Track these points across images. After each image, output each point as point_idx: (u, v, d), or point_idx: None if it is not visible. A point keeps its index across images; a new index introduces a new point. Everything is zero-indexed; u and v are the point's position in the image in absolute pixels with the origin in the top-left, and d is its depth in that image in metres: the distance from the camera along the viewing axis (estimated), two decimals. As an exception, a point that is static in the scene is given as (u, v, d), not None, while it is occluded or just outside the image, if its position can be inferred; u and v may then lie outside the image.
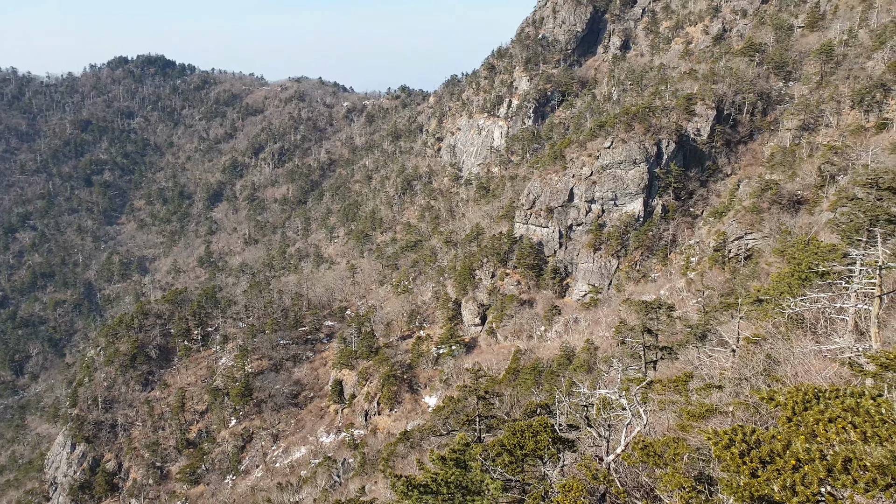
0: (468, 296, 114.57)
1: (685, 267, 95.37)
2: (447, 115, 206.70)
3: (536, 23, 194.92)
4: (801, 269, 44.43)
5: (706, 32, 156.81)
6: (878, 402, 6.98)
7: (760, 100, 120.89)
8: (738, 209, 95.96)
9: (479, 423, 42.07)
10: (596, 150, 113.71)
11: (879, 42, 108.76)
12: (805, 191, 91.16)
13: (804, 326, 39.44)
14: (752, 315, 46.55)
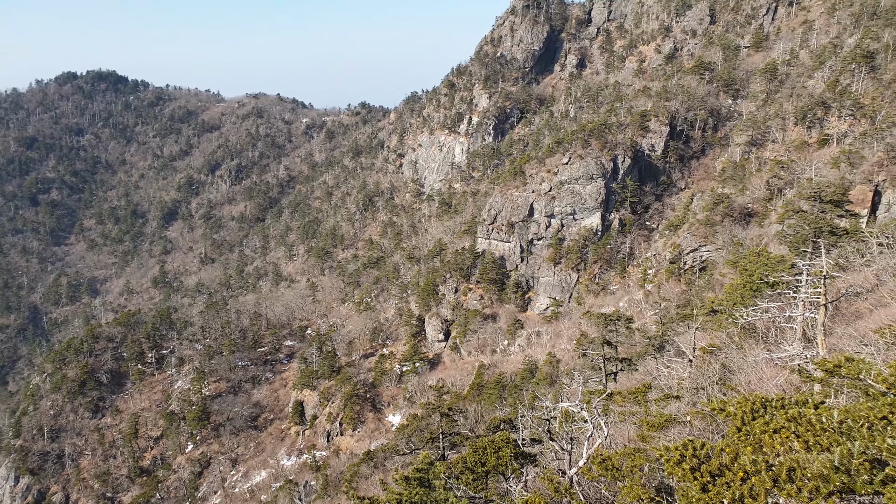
0: (431, 312, 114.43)
1: (643, 279, 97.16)
2: (408, 131, 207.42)
3: (495, 41, 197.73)
4: (753, 281, 45.80)
5: (659, 51, 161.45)
6: (819, 412, 7.26)
7: (711, 116, 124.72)
8: (692, 222, 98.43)
9: (442, 441, 41.93)
10: (554, 166, 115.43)
11: (819, 62, 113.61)
12: (755, 204, 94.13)
13: (756, 336, 40.48)
14: (708, 325, 47.66)
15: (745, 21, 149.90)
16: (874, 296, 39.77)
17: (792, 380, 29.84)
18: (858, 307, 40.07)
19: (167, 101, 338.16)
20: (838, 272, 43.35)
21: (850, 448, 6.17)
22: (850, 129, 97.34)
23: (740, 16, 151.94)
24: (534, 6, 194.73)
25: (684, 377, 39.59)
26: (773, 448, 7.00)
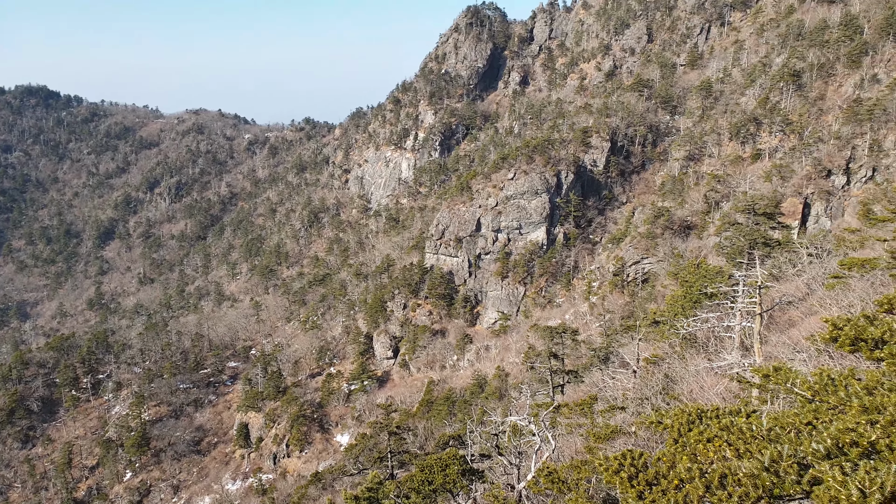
0: (380, 329, 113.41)
1: (587, 292, 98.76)
2: (354, 147, 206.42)
3: (439, 58, 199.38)
4: (692, 292, 47.04)
5: (599, 69, 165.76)
6: (750, 420, 7.32)
7: (650, 132, 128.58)
8: (634, 235, 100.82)
9: (391, 460, 41.28)
10: (500, 182, 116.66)
11: (750, 80, 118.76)
12: (693, 216, 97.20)
13: (697, 345, 41.36)
14: (651, 336, 48.56)
15: (680, 40, 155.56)
16: (805, 304, 41.29)
17: (731, 387, 30.55)
18: (791, 315, 41.53)
19: (103, 117, 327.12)
20: (772, 282, 44.95)
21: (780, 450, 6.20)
22: (781, 144, 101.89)
23: (676, 35, 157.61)
24: (477, 24, 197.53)
25: (629, 388, 40.11)
26: (706, 456, 7.00)
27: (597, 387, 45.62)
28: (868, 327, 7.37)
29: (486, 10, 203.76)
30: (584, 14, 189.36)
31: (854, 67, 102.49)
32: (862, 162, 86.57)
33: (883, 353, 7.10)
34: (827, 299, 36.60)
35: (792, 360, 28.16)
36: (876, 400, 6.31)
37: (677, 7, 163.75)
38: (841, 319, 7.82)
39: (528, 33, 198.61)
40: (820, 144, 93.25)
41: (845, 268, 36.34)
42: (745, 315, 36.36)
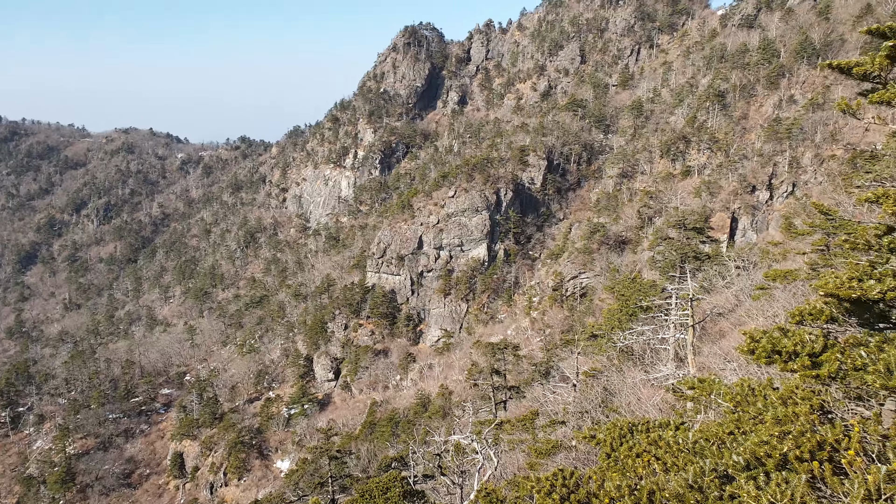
0: (320, 350, 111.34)
1: (528, 307, 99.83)
2: (291, 165, 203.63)
3: (378, 77, 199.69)
4: (628, 305, 48.12)
5: (534, 89, 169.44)
6: (677, 434, 7.38)
7: (585, 150, 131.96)
8: (571, 251, 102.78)
9: (332, 485, 40.33)
10: (441, 200, 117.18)
11: (679, 100, 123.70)
12: (628, 232, 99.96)
13: (634, 358, 42.12)
14: (589, 350, 49.32)
15: (612, 61, 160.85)
16: (735, 315, 42.76)
17: (668, 398, 31.18)
18: (722, 326, 42.92)
19: (24, 136, 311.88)
20: (703, 295, 46.45)
21: (703, 466, 6.24)
22: (709, 161, 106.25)
23: (608, 56, 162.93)
24: (415, 44, 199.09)
25: (569, 402, 40.45)
26: (636, 472, 7.00)
27: (538, 402, 45.91)
28: (782, 339, 7.57)
29: (424, 31, 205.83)
30: (519, 35, 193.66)
31: (773, 88, 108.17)
32: (783, 178, 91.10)
33: (796, 364, 7.29)
34: (754, 310, 38.05)
35: (723, 369, 29.02)
36: (789, 410, 6.44)
37: (608, 29, 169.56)
38: (757, 332, 8.03)
39: (466, 54, 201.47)
40: (745, 161, 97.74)
41: (770, 279, 37.88)
42: (679, 327, 37.31)
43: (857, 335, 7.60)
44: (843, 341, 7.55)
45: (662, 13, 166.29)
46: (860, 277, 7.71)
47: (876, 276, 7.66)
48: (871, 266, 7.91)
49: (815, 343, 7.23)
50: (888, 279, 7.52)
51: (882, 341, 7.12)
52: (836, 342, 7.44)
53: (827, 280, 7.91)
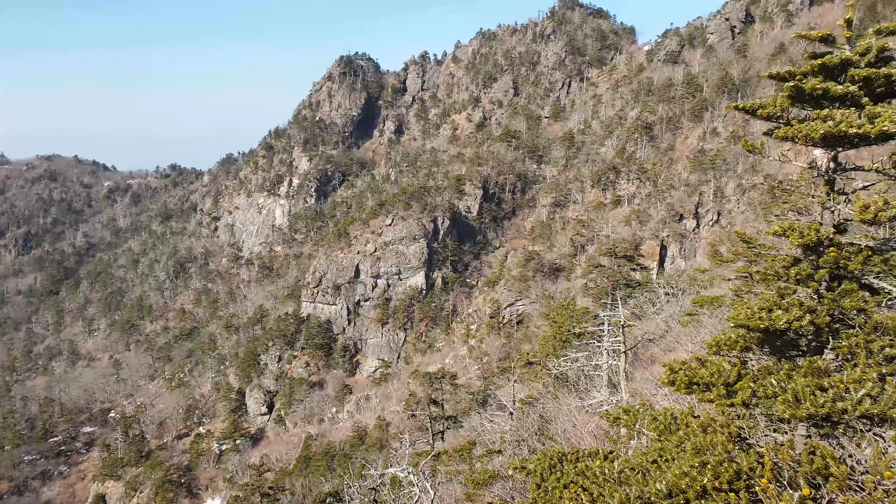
0: (253, 383, 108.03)
1: (466, 335, 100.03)
2: (224, 193, 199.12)
3: (313, 105, 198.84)
4: (562, 332, 48.86)
5: (470, 120, 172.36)
6: (604, 463, 7.44)
7: (519, 180, 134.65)
8: (507, 278, 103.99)
9: (263, 524, 38.90)
10: (378, 228, 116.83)
11: (608, 132, 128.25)
12: (562, 259, 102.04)
13: (569, 384, 42.57)
14: (525, 377, 49.62)
15: (544, 94, 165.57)
16: (665, 341, 43.97)
17: (602, 425, 31.55)
18: (653, 352, 44.01)
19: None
20: (635, 321, 47.58)
21: (628, 494, 6.28)
22: (638, 191, 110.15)
23: (540, 89, 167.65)
24: (350, 74, 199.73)
25: (506, 430, 40.44)
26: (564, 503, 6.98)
27: (476, 431, 45.66)
28: (699, 370, 7.80)
29: (360, 61, 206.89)
30: (454, 67, 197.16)
31: (697, 121, 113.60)
32: (708, 207, 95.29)
33: (712, 394, 7.52)
34: (682, 336, 39.21)
35: (654, 395, 29.67)
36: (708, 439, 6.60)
37: (540, 63, 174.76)
38: (676, 363, 8.24)
39: (402, 84, 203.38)
40: (672, 191, 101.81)
41: (697, 306, 39.24)
42: (612, 353, 38.04)
43: (769, 363, 7.91)
44: (756, 370, 7.84)
45: (592, 48, 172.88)
46: (770, 308, 8.05)
47: (784, 307, 8.01)
48: (780, 296, 8.28)
49: (730, 373, 7.48)
50: (794, 309, 7.88)
51: (791, 369, 7.42)
52: (749, 371, 7.71)
53: (739, 311, 8.22)
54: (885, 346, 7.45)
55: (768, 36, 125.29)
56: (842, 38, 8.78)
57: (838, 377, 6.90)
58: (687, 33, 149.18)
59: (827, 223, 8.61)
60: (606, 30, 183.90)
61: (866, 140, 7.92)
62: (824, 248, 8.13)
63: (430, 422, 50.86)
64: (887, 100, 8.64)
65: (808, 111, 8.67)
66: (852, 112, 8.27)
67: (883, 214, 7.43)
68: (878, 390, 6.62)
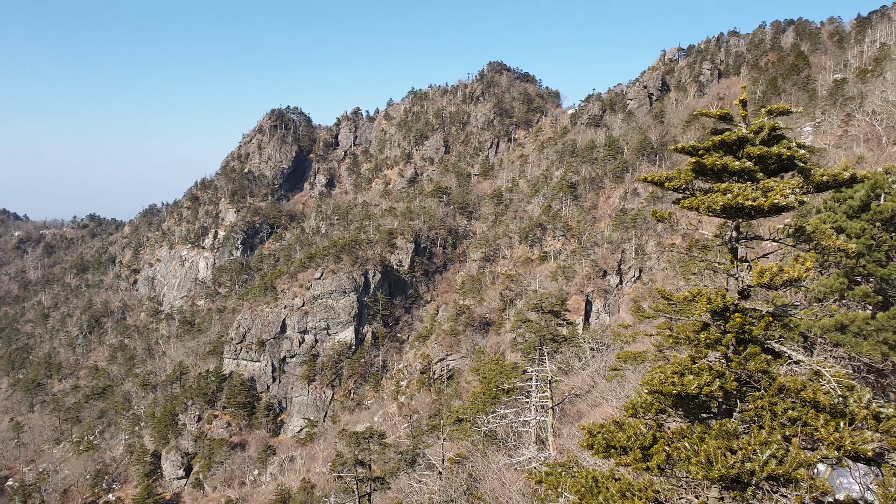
0: (170, 445, 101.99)
1: (396, 391, 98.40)
2: (145, 245, 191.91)
3: (242, 157, 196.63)
4: (492, 388, 48.79)
5: (402, 175, 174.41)
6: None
7: (450, 235, 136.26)
8: (438, 332, 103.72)
9: None
10: (307, 281, 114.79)
11: (535, 190, 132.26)
12: (492, 314, 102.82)
13: (498, 442, 42.34)
14: (455, 435, 49.03)
15: (473, 152, 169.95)
16: (591, 396, 44.60)
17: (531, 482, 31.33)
18: (580, 408, 44.51)
19: None
20: (562, 376, 48.20)
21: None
22: (564, 247, 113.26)
23: (470, 147, 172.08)
24: (281, 127, 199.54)
25: (435, 491, 39.64)
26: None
27: (403, 492, 44.53)
28: (617, 433, 7.93)
29: (291, 114, 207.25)
30: (386, 124, 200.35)
31: (618, 182, 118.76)
32: (630, 263, 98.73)
33: (629, 458, 7.64)
34: (608, 391, 39.91)
35: (581, 452, 29.86)
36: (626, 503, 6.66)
37: (470, 123, 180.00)
38: (595, 426, 8.34)
39: (334, 139, 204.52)
40: (596, 248, 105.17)
41: (621, 361, 40.06)
42: (540, 409, 38.19)
43: (683, 426, 8.13)
44: (671, 433, 8.04)
45: (519, 110, 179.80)
46: (682, 372, 8.35)
47: (695, 371, 8.32)
48: (691, 360, 8.61)
49: (647, 436, 7.62)
50: (704, 374, 8.20)
51: (703, 432, 7.65)
52: (664, 434, 7.90)
53: (652, 376, 8.47)
54: (787, 408, 7.82)
55: (682, 104, 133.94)
56: (738, 116, 9.50)
57: (746, 439, 7.16)
58: (608, 99, 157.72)
59: (732, 289, 9.11)
60: (533, 93, 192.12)
61: (761, 212, 8.52)
62: (730, 314, 8.58)
63: (357, 483, 49.22)
64: (780, 174, 9.36)
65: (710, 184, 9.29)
66: (749, 186, 8.91)
67: (777, 280, 7.94)
68: (782, 451, 6.90)
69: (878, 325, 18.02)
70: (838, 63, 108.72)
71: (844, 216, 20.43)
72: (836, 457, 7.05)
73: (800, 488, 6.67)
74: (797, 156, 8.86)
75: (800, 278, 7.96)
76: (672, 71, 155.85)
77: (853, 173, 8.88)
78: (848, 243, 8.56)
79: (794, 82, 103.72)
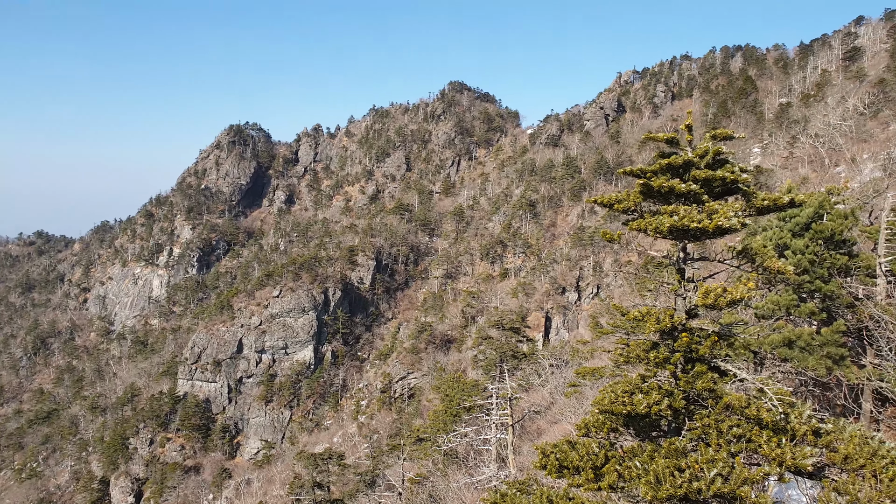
0: (119, 471, 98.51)
1: (356, 411, 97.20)
2: (96, 263, 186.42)
3: (199, 173, 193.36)
4: (452, 406, 48.66)
5: (363, 192, 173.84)
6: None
7: (412, 252, 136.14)
8: (399, 350, 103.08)
9: None
10: (265, 299, 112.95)
11: (495, 208, 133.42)
12: (453, 331, 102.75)
13: (458, 460, 42.17)
14: (415, 454, 48.64)
15: (435, 170, 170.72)
16: (550, 413, 44.84)
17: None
18: (540, 425, 44.68)
19: None
20: (522, 393, 48.35)
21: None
22: (524, 264, 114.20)
23: (431, 165, 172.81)
24: (240, 143, 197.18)
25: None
26: None
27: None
28: (570, 453, 8.02)
29: (250, 130, 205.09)
30: (347, 141, 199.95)
31: (576, 200, 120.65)
32: (588, 280, 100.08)
33: (581, 478, 7.73)
34: (566, 408, 40.21)
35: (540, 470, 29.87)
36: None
37: (431, 141, 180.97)
38: (548, 446, 8.41)
39: (294, 155, 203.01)
40: (555, 265, 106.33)
41: (580, 377, 40.43)
42: (500, 427, 38.20)
43: (634, 445, 8.26)
44: (623, 452, 8.16)
45: (479, 129, 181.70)
46: (632, 391, 8.51)
47: (645, 390, 8.49)
48: (641, 379, 8.79)
49: (599, 456, 7.73)
50: (654, 393, 8.37)
51: (654, 450, 7.79)
52: (616, 453, 8.01)
53: (603, 396, 8.61)
54: (733, 425, 8.04)
55: (638, 124, 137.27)
56: (684, 140, 9.83)
57: (694, 457, 7.32)
58: (566, 119, 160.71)
59: (680, 309, 9.36)
60: (493, 113, 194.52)
61: (706, 234, 8.81)
62: (678, 333, 8.80)
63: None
64: (724, 197, 9.70)
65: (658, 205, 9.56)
66: (694, 208, 9.21)
67: (721, 300, 8.21)
68: (728, 469, 7.07)
69: (822, 340, 18.65)
70: (783, 88, 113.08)
71: (790, 234, 21.16)
72: (779, 472, 7.27)
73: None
74: (740, 179, 9.22)
75: (742, 299, 8.24)
76: (627, 93, 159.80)
77: (792, 197, 9.25)
78: (786, 265, 8.90)
79: (743, 105, 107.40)
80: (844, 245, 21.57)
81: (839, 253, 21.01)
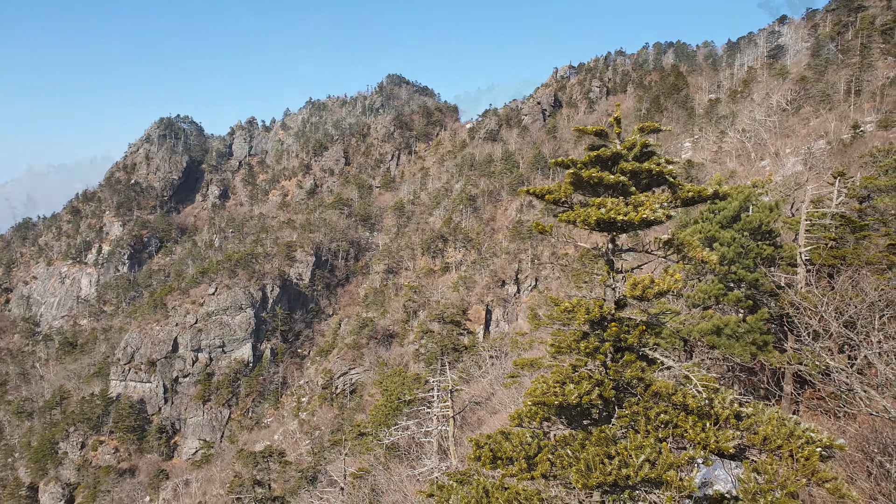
0: (49, 476, 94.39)
1: (297, 408, 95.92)
2: (18, 262, 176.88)
3: (128, 168, 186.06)
4: (393, 400, 48.66)
5: (301, 186, 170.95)
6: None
7: (352, 247, 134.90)
8: (341, 346, 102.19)
9: None
10: (200, 297, 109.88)
11: (436, 202, 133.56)
12: (395, 325, 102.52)
13: (400, 454, 42.18)
14: (357, 449, 48.37)
15: (374, 164, 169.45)
16: (490, 404, 45.32)
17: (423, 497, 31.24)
18: (480, 416, 45.10)
19: None
20: (463, 385, 48.69)
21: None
22: (464, 258, 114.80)
23: (370, 159, 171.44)
24: (171, 136, 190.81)
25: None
26: None
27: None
28: (503, 443, 8.12)
29: (182, 123, 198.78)
30: (283, 134, 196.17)
31: (515, 195, 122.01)
32: (527, 273, 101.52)
33: (514, 468, 7.84)
34: (506, 398, 40.72)
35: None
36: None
37: (370, 135, 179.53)
38: (482, 437, 8.49)
39: (228, 148, 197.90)
40: (495, 258, 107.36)
41: (519, 367, 41.01)
42: (441, 419, 38.39)
43: (566, 433, 8.43)
44: (555, 441, 8.31)
45: (419, 123, 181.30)
46: (563, 381, 8.66)
47: (575, 380, 8.67)
48: (572, 369, 8.95)
49: (532, 446, 7.84)
50: (584, 383, 8.56)
51: (584, 439, 7.98)
52: (548, 443, 8.15)
53: (535, 387, 8.74)
54: (660, 412, 8.29)
55: (574, 119, 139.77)
56: (613, 133, 10.05)
57: (623, 444, 7.52)
58: (504, 114, 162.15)
59: (609, 300, 9.58)
60: (432, 107, 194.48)
61: (632, 226, 9.05)
62: (608, 323, 9.00)
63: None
64: (652, 189, 9.97)
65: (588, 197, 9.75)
66: (621, 200, 9.43)
67: (649, 291, 8.43)
68: (655, 455, 7.30)
69: (748, 328, 19.49)
70: (713, 84, 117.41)
71: (718, 226, 21.98)
72: (703, 455, 7.56)
73: (670, 489, 7.07)
74: (666, 171, 9.49)
75: (670, 289, 8.49)
76: (564, 88, 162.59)
77: (716, 189, 9.59)
78: (710, 255, 9.24)
79: (675, 100, 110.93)
80: (769, 236, 22.59)
81: (765, 244, 21.98)
